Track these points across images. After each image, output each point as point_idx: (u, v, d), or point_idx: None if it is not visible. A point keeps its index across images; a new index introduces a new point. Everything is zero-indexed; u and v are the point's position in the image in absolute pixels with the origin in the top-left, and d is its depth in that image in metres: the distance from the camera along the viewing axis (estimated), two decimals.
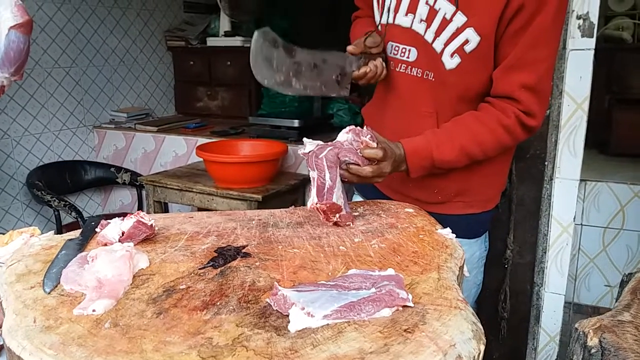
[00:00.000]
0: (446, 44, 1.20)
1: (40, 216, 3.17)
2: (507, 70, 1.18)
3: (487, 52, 1.18)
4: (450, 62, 1.21)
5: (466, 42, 1.17)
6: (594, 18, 1.56)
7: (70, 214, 2.72)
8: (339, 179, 1.10)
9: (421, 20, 1.23)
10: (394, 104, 1.35)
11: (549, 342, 1.82)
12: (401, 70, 1.30)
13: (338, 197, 1.08)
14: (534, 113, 1.20)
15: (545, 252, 1.74)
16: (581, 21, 1.55)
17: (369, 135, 1.14)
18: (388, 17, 1.30)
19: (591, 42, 1.59)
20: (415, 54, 1.27)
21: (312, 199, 1.09)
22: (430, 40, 1.23)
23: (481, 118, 1.22)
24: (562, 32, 1.57)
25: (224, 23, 3.81)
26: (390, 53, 1.32)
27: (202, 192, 2.50)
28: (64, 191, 3.12)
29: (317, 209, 1.09)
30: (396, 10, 1.28)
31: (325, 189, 1.09)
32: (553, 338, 1.81)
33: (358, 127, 1.15)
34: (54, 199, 2.75)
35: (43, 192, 2.79)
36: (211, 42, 3.82)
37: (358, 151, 1.13)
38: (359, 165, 1.12)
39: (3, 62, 1.32)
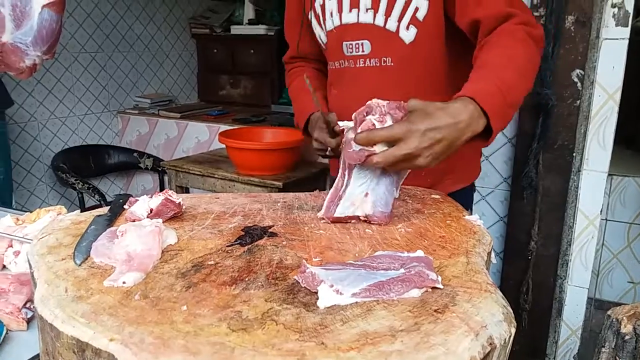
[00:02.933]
0: (400, 19, 1.23)
1: (64, 199, 3.22)
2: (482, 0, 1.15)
3: (439, 19, 1.21)
4: (408, 34, 1.23)
5: (417, 9, 1.21)
6: (630, 6, 1.53)
7: (94, 196, 2.76)
8: (352, 177, 0.99)
9: (367, 10, 1.26)
10: (360, 98, 1.24)
11: (570, 335, 1.80)
12: (360, 65, 1.31)
13: (351, 202, 0.99)
14: (532, 21, 1.15)
15: (570, 245, 1.72)
16: (616, 9, 1.52)
17: (377, 115, 0.93)
18: (333, 20, 1.33)
19: (626, 32, 1.55)
20: (368, 46, 1.28)
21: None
22: (382, 24, 1.25)
23: (499, 41, 1.12)
24: (596, 20, 1.54)
25: (248, 11, 3.81)
26: (347, 52, 1.33)
27: (223, 178, 2.52)
28: (87, 174, 3.17)
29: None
30: (340, 11, 1.31)
31: (337, 195, 1.00)
32: (575, 332, 1.79)
33: (375, 102, 0.95)
34: (78, 181, 2.79)
35: (67, 174, 2.84)
36: (235, 30, 3.83)
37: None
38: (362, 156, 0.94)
39: (36, 40, 1.33)
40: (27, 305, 1.07)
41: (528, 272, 1.72)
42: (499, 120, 1.01)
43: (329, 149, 1.26)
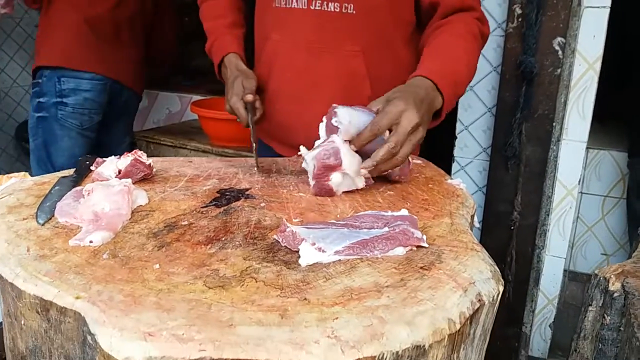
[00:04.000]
0: None
1: (29, 169, 3.10)
2: None
3: None
4: None
5: None
6: None
7: None
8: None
9: None
10: (307, 46, 1.20)
11: (546, 304, 1.81)
12: (316, 8, 1.15)
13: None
14: (483, 18, 1.20)
15: (548, 215, 1.72)
16: None
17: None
18: None
19: (607, 0, 1.53)
20: None
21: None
22: None
23: (458, 30, 1.14)
24: None
25: None
26: None
27: (196, 150, 2.44)
28: None
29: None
30: None
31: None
32: (551, 301, 1.80)
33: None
34: None
35: None
36: None
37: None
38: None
39: None
40: None
41: (511, 242, 1.71)
42: (452, 99, 1.07)
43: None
